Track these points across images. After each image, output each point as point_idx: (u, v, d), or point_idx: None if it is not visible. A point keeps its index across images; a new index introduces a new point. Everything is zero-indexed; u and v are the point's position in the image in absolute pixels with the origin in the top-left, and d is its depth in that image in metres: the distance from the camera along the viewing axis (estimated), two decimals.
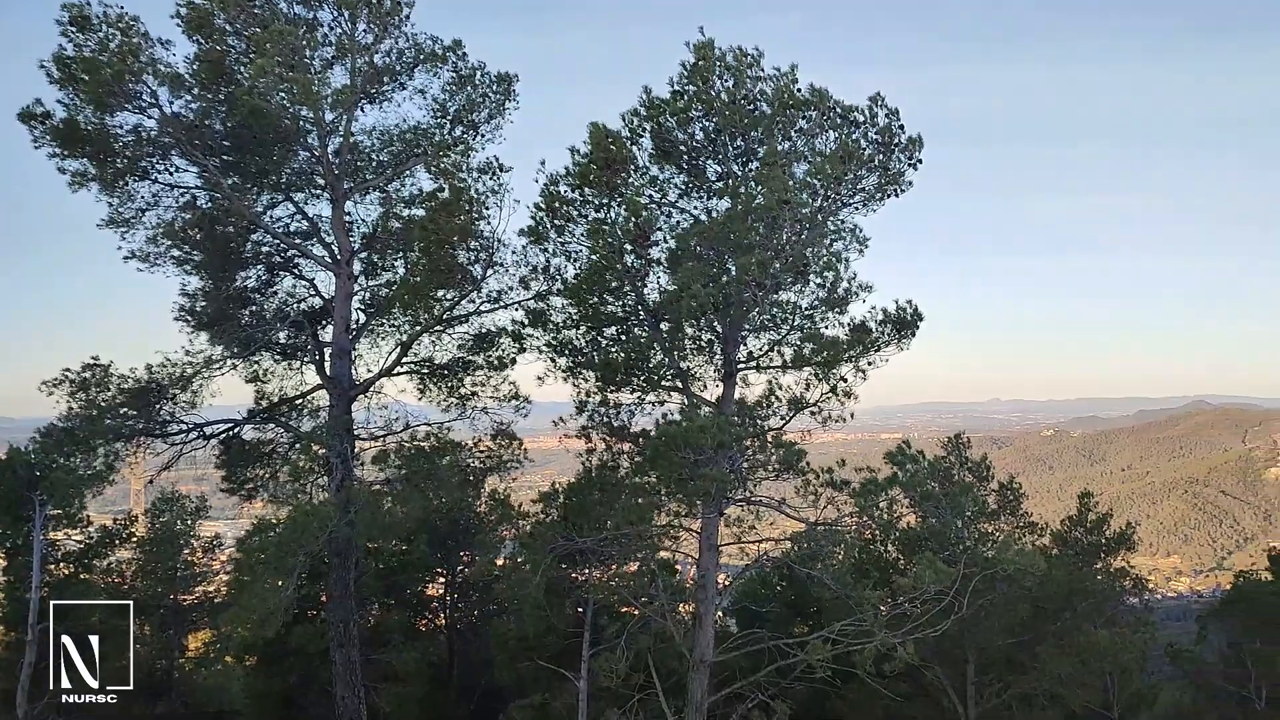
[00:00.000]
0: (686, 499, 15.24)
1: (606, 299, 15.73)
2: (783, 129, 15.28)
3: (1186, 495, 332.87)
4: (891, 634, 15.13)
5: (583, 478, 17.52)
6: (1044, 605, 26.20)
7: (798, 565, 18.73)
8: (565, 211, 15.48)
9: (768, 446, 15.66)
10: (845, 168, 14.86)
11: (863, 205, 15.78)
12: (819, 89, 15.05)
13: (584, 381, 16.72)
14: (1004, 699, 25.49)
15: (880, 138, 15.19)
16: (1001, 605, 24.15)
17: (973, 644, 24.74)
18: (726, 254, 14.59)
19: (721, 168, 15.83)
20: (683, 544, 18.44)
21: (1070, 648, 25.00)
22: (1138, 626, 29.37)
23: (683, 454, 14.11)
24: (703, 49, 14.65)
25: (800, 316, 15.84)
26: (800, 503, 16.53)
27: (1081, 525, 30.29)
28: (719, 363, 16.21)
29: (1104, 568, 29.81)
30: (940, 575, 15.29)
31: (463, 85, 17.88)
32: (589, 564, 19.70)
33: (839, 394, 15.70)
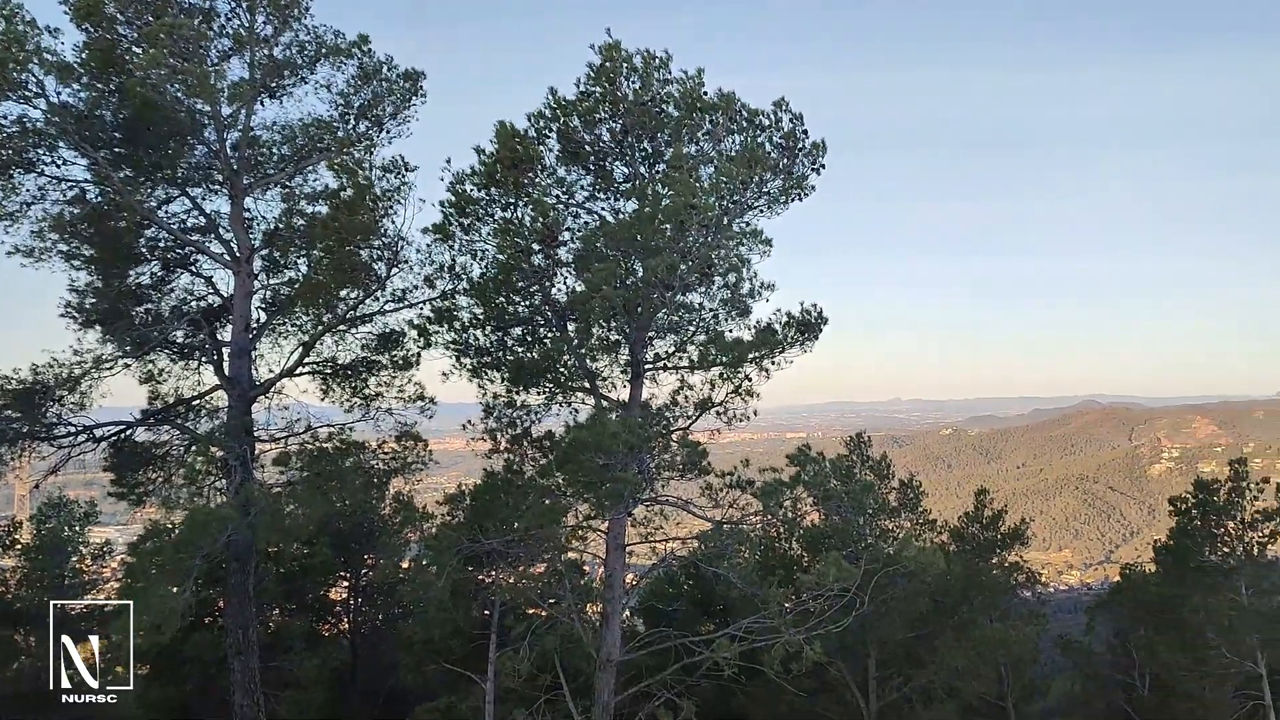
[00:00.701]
0: (595, 501, 15.25)
1: (513, 299, 15.66)
2: (690, 132, 15.40)
3: (1077, 491, 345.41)
4: (797, 631, 15.36)
5: (490, 479, 17.38)
6: (942, 600, 26.89)
7: (704, 564, 18.92)
8: (472, 211, 15.36)
9: (675, 447, 15.78)
10: (751, 171, 15.03)
11: (768, 208, 15.99)
12: (726, 93, 15.22)
13: (491, 382, 16.61)
14: (904, 692, 26.08)
15: (785, 142, 15.43)
16: (902, 601, 24.72)
17: (874, 639, 25.26)
18: (634, 255, 14.61)
19: (629, 169, 15.88)
20: (591, 544, 18.45)
21: (967, 641, 25.68)
22: (1030, 619, 30.33)
23: (592, 457, 14.12)
24: (609, 50, 14.68)
25: (706, 318, 16.01)
26: (706, 502, 16.70)
27: (978, 522, 31.13)
28: (626, 363, 16.25)
29: (999, 563, 30.68)
30: (843, 573, 15.58)
31: (368, 81, 17.52)
32: (496, 566, 19.58)
33: (743, 394, 15.91)
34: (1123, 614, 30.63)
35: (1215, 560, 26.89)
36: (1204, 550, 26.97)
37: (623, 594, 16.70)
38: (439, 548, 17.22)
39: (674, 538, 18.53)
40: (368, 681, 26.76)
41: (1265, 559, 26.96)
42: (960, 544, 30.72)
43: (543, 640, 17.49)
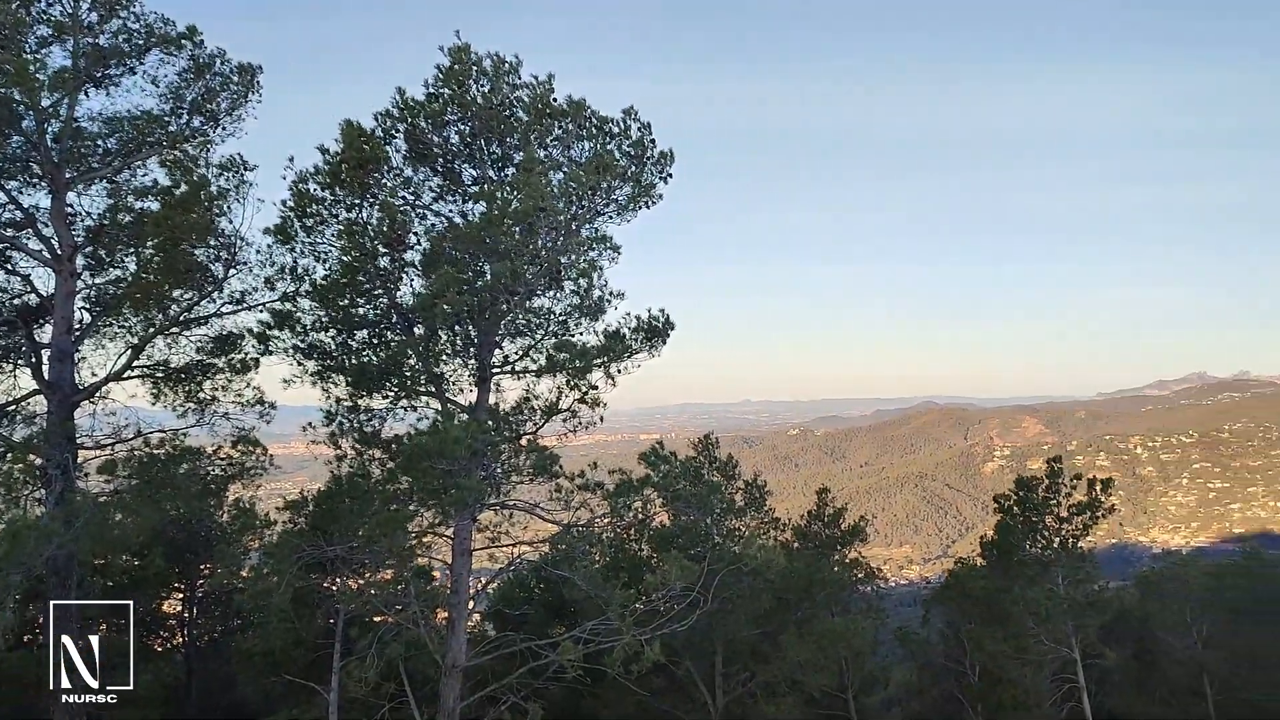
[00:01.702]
0: (440, 507, 15.09)
1: (358, 301, 15.33)
2: (539, 137, 15.42)
3: (917, 489, 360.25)
4: (639, 632, 15.56)
5: (335, 484, 16.98)
6: (785, 597, 27.67)
7: (552, 568, 18.98)
8: (315, 211, 14.96)
9: (522, 452, 15.76)
10: (600, 178, 15.15)
11: (617, 215, 16.11)
12: (576, 99, 15.31)
13: (334, 386, 16.21)
14: (749, 687, 26.74)
15: (634, 150, 15.60)
16: (747, 598, 25.32)
17: (720, 637, 25.79)
18: (482, 258, 14.55)
19: (478, 172, 15.79)
20: (437, 550, 18.25)
21: (809, 635, 26.50)
22: (870, 613, 31.52)
23: (437, 463, 13.97)
24: (458, 53, 14.58)
25: (554, 323, 16.04)
26: (556, 506, 16.73)
27: (820, 520, 32.16)
28: (474, 367, 16.12)
29: (840, 559, 31.77)
30: (686, 572, 15.89)
31: (201, 73, 16.76)
32: (340, 572, 19.16)
33: (589, 400, 16.00)
34: (954, 607, 32.13)
35: (1035, 553, 28.59)
36: (1025, 544, 28.63)
37: (468, 599, 16.56)
38: (280, 555, 16.73)
39: (523, 541, 18.49)
40: (203, 697, 25.70)
41: (1079, 551, 28.80)
42: (804, 541, 31.69)
43: (388, 648, 17.21)
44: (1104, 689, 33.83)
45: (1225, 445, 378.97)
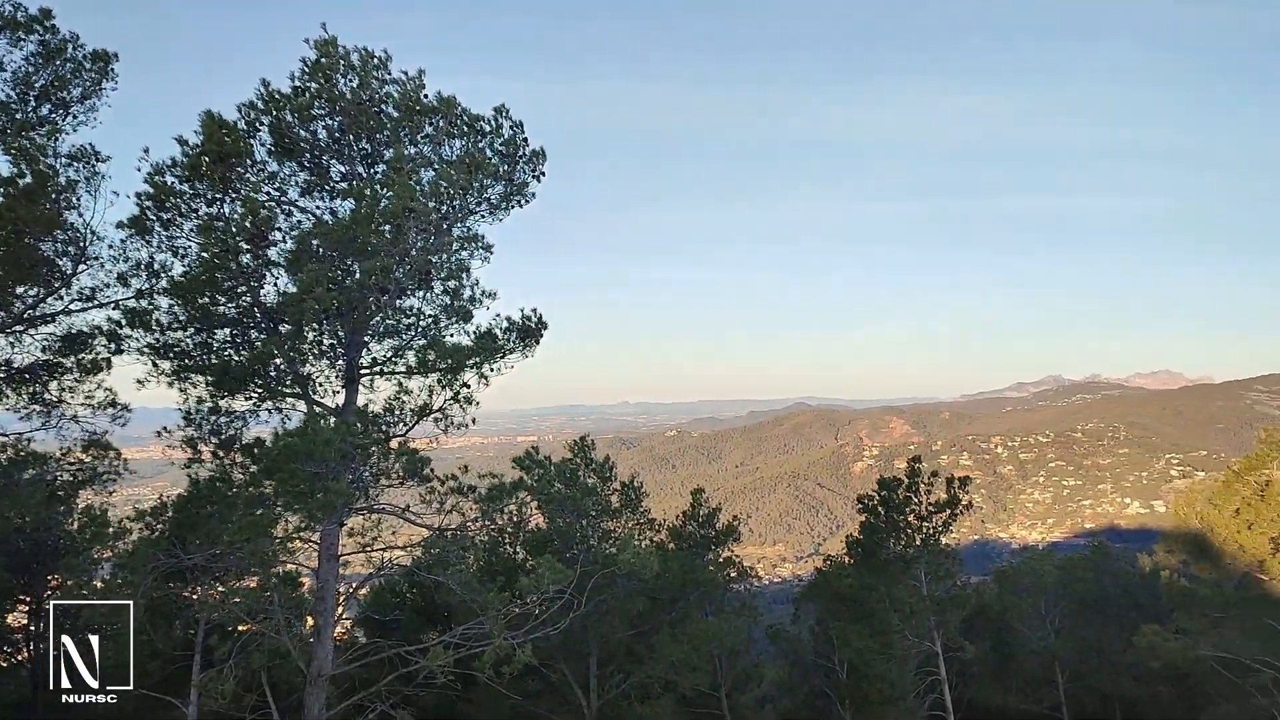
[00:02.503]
0: (307, 511, 14.66)
1: (219, 299, 14.77)
2: (410, 134, 15.16)
3: (790, 488, 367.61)
4: (511, 635, 15.46)
5: (194, 489, 16.32)
6: (660, 597, 27.87)
7: (424, 572, 18.67)
8: (173, 205, 14.36)
9: (393, 454, 15.44)
10: (472, 176, 14.99)
11: (489, 214, 15.95)
12: (447, 96, 15.09)
13: (193, 387, 15.58)
14: (624, 689, 26.82)
15: (505, 149, 15.49)
16: (622, 600, 25.43)
17: (595, 638, 25.82)
18: (350, 257, 14.21)
19: (346, 168, 15.42)
20: (304, 556, 17.74)
21: (683, 635, 26.74)
22: (743, 611, 31.95)
23: (304, 466, 13.58)
24: (325, 46, 14.22)
25: (425, 322, 15.79)
26: (427, 509, 16.45)
27: (695, 520, 32.48)
28: (342, 368, 15.74)
29: (714, 558, 32.16)
30: (559, 575, 15.86)
31: (51, 59, 15.91)
32: (200, 581, 18.48)
33: (462, 400, 15.79)
34: (823, 604, 32.88)
35: (899, 551, 29.51)
36: (889, 542, 29.53)
37: (335, 606, 16.14)
38: (133, 564, 16.06)
39: (394, 546, 18.14)
40: (52, 715, 24.39)
41: (941, 547, 29.86)
42: (679, 542, 31.95)
43: (250, 658, 16.65)
44: (964, 680, 35.11)
45: (1078, 445, 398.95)
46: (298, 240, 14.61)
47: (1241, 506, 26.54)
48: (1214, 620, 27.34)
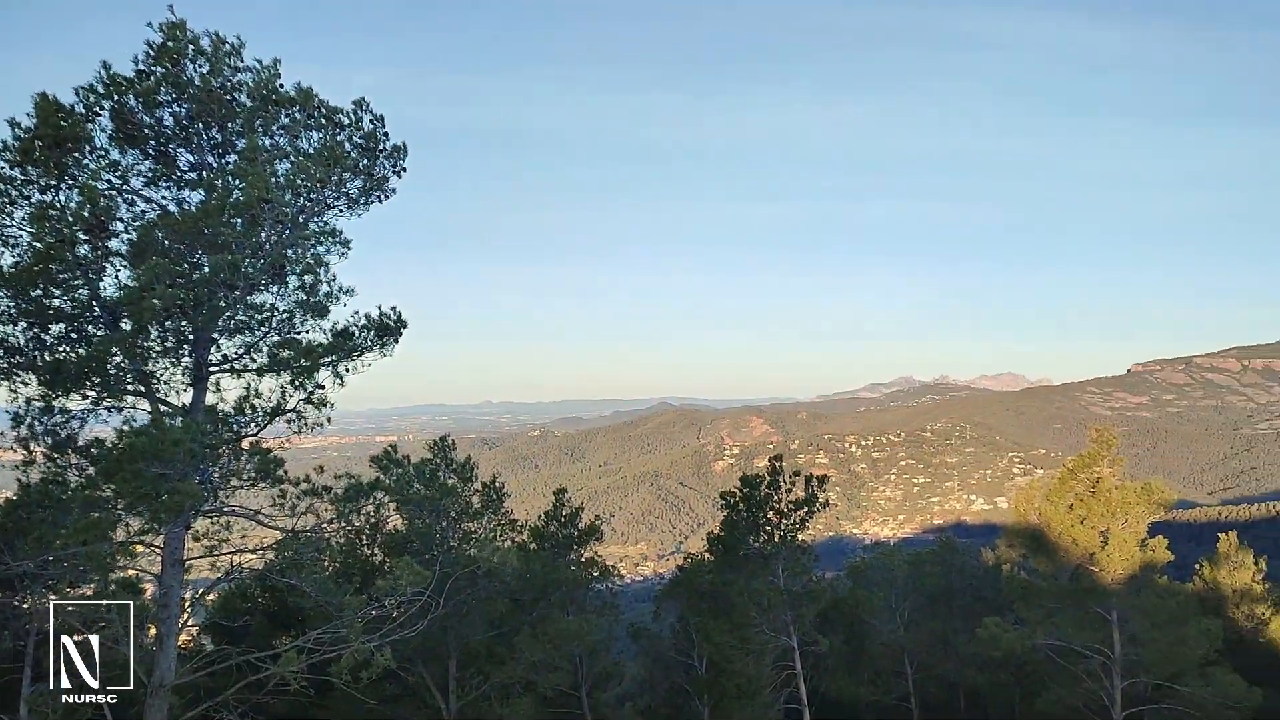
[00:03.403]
0: (151, 514, 13.99)
1: (53, 292, 13.96)
2: (264, 124, 14.66)
3: (653, 487, 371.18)
4: (368, 638, 15.15)
5: (24, 492, 15.39)
6: (521, 598, 27.77)
7: (276, 576, 18.09)
8: (3, 192, 13.53)
9: (243, 455, 14.92)
10: (329, 170, 14.62)
11: (348, 209, 15.57)
12: (304, 87, 14.66)
13: (24, 385, 14.68)
14: (483, 691, 26.59)
15: (365, 143, 15.14)
16: (483, 600, 25.23)
17: (455, 640, 25.53)
18: (198, 250, 13.66)
19: (195, 158, 14.78)
20: (146, 561, 16.95)
21: (544, 635, 26.69)
22: (605, 610, 32.15)
23: (149, 467, 12.97)
24: (172, 30, 13.60)
25: (279, 319, 15.27)
26: (280, 511, 15.95)
27: (557, 520, 32.48)
28: (189, 366, 15.09)
29: (576, 558, 32.24)
30: (417, 577, 15.62)
31: None
32: (31, 589, 17.48)
33: (316, 400, 15.35)
34: (683, 601, 33.35)
35: (758, 547, 30.18)
36: (749, 539, 30.16)
37: (180, 612, 15.48)
38: None
39: (245, 549, 17.51)
40: None
41: (799, 544, 30.67)
42: (541, 542, 31.90)
43: (84, 669, 15.81)
44: (818, 673, 36.13)
45: (927, 444, 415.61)
46: (141, 232, 13.94)
47: (1075, 503, 28.08)
48: (1049, 611, 28.83)
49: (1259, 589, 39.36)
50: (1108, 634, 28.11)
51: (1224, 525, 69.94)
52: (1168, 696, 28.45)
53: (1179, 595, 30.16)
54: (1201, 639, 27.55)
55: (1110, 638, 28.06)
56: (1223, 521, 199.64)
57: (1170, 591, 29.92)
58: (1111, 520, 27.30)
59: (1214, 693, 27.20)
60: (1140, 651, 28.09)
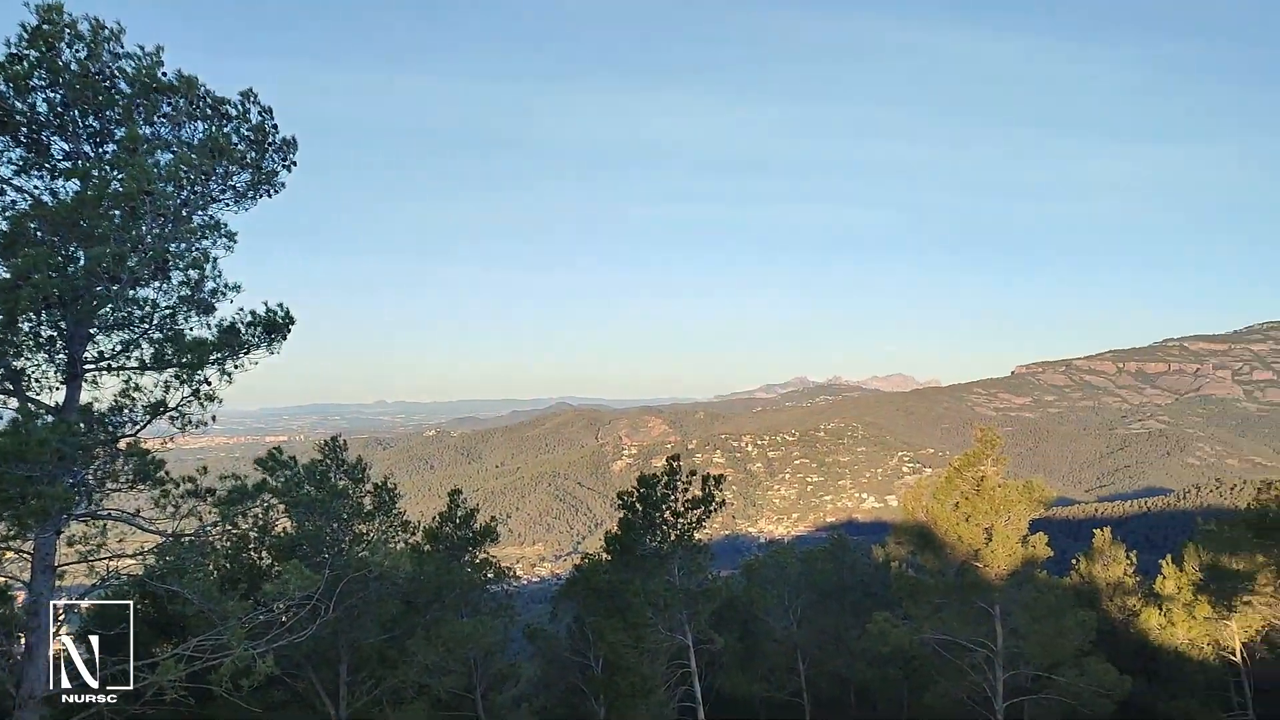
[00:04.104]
0: (17, 519, 13.33)
1: None
2: (146, 113, 14.12)
3: (550, 488, 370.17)
4: (252, 645, 14.73)
5: None
6: (415, 600, 27.37)
7: (157, 582, 17.44)
8: None
9: (120, 456, 14.34)
10: (215, 162, 14.16)
11: (234, 202, 15.09)
12: (187, 76, 14.15)
13: None
14: (375, 695, 26.13)
15: (253, 135, 14.71)
16: (375, 604, 24.77)
17: (346, 644, 25.03)
18: (74, 242, 13.09)
19: (71, 146, 14.14)
20: (15, 567, 16.15)
21: (437, 638, 26.37)
22: (500, 612, 31.93)
23: (14, 469, 12.36)
24: (48, 12, 13.00)
25: (161, 315, 14.72)
26: (160, 514, 15.38)
27: (452, 521, 32.13)
28: (63, 362, 14.43)
29: (471, 559, 31.94)
30: (305, 580, 15.24)
31: None
32: None
33: (201, 398, 14.86)
34: (580, 601, 33.33)
35: (655, 547, 30.34)
36: (645, 539, 30.30)
37: (50, 621, 14.81)
38: None
39: (122, 554, 16.84)
40: None
41: (695, 543, 30.93)
42: (435, 544, 31.51)
43: None
44: (713, 671, 36.56)
45: (821, 443, 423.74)
46: (12, 222, 13.29)
47: (960, 501, 28.95)
48: (936, 606, 29.67)
49: (1130, 582, 41.24)
50: (991, 628, 29.07)
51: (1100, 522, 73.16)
52: (1046, 686, 29.59)
53: (1057, 589, 31.38)
54: (1077, 631, 28.72)
55: (993, 631, 29.02)
56: (1098, 518, 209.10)
57: (1049, 586, 31.10)
58: (995, 518, 28.22)
59: (1088, 682, 28.37)
60: (1021, 644, 29.12)
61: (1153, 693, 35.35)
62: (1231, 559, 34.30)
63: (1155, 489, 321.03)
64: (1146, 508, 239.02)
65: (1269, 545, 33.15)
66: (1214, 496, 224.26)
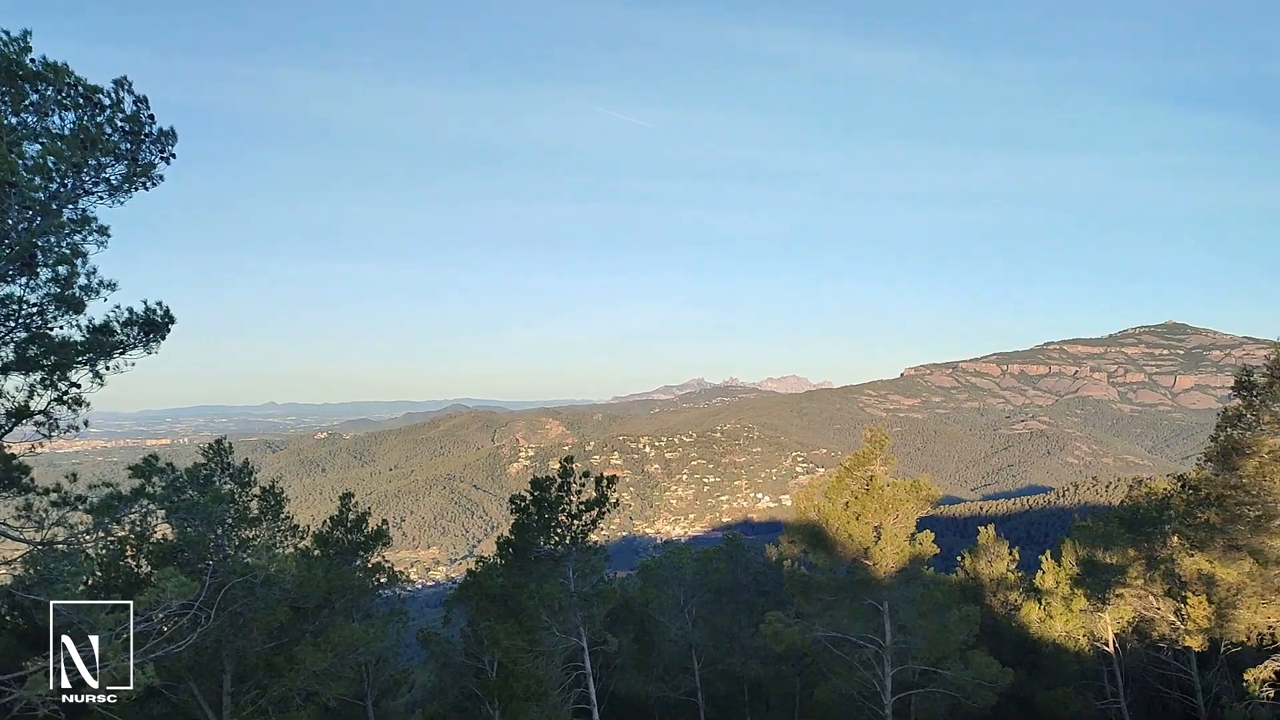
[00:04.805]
0: None
1: None
2: (12, 102, 13.45)
3: (446, 490, 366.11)
4: (128, 656, 14.15)
5: None
6: (303, 606, 26.71)
7: (24, 593, 16.63)
8: None
9: None
10: (87, 153, 13.56)
11: (108, 196, 14.47)
12: (55, 63, 13.53)
13: None
14: (260, 705, 25.39)
15: (128, 126, 14.13)
16: (261, 611, 24.07)
17: (230, 653, 24.28)
18: None
19: None
20: None
21: (326, 645, 25.75)
22: (392, 617, 31.39)
23: None
24: None
25: (27, 313, 14.03)
26: (27, 523, 14.68)
27: (343, 525, 31.49)
28: None
29: (363, 564, 31.35)
30: (183, 587, 14.70)
31: None
32: None
33: (69, 402, 14.23)
34: (473, 605, 32.98)
35: (550, 549, 30.21)
36: (540, 541, 30.14)
37: None
38: None
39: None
40: None
41: (588, 544, 30.88)
42: (325, 548, 30.82)
43: None
44: (608, 672, 36.58)
45: (717, 444, 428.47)
46: None
47: (850, 500, 29.54)
48: (827, 604, 30.24)
49: (1012, 577, 42.76)
50: (880, 624, 29.75)
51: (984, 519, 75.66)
52: (932, 680, 30.42)
53: (943, 585, 32.35)
54: (962, 626, 29.61)
55: (882, 627, 29.71)
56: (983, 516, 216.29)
57: (936, 582, 32.02)
58: (884, 516, 28.89)
59: (972, 675, 29.27)
60: (909, 639, 29.90)
61: (1032, 683, 36.69)
62: (1106, 554, 35.82)
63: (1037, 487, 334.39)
64: (1028, 505, 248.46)
65: (1140, 540, 34.79)
66: (1091, 494, 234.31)
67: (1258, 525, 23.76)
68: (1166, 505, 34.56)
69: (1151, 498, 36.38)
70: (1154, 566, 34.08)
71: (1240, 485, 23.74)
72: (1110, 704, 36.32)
